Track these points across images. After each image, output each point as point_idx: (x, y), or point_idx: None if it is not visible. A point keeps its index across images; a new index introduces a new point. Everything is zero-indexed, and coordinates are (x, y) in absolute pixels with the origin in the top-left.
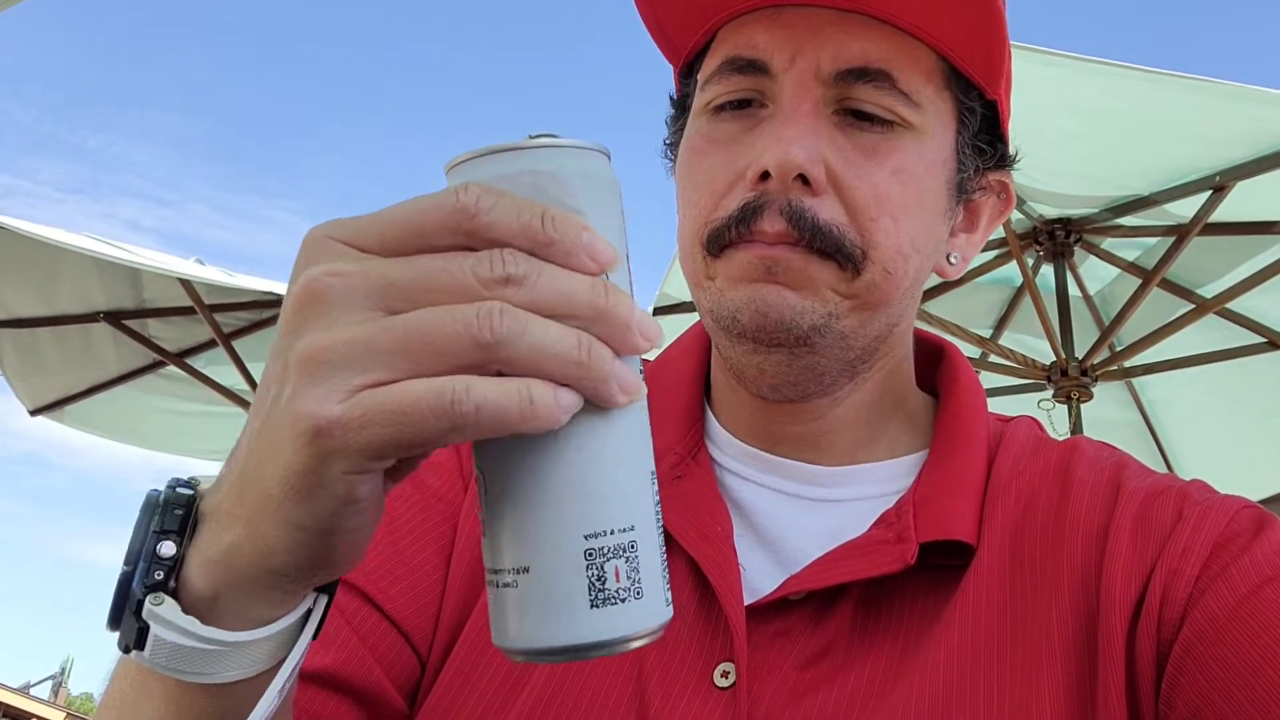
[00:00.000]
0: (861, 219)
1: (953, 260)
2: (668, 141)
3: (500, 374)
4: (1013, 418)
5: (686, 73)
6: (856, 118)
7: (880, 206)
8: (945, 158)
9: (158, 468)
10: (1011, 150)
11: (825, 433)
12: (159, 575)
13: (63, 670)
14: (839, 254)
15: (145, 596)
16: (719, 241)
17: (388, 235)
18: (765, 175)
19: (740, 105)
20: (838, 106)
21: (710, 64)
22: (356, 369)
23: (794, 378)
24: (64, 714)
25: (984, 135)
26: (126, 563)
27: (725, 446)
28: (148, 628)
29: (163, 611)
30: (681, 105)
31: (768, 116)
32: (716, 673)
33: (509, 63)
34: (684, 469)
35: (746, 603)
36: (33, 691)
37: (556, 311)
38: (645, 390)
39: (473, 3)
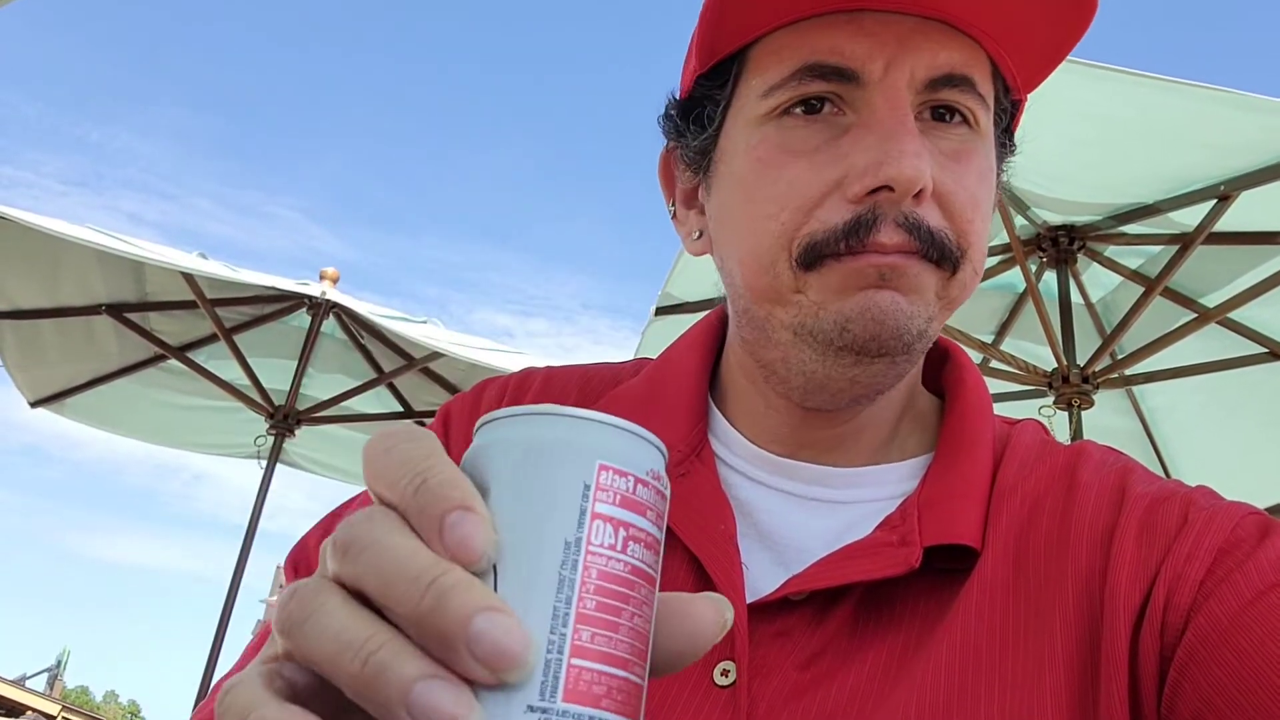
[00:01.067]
0: (959, 222)
1: None
2: (691, 147)
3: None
4: (1018, 421)
5: (710, 74)
6: (934, 119)
7: (975, 210)
8: (994, 158)
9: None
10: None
11: (855, 433)
12: None
13: (59, 663)
14: (944, 258)
15: None
16: (818, 253)
17: None
18: (878, 188)
19: (808, 110)
20: (916, 112)
21: (775, 69)
22: None
23: (883, 384)
24: (59, 706)
25: (1006, 132)
26: None
27: (734, 446)
28: None
29: None
30: (698, 109)
31: (855, 125)
32: (716, 671)
33: (509, 66)
34: (688, 466)
35: (748, 601)
36: (29, 684)
37: (377, 598)
38: None
39: (479, 8)
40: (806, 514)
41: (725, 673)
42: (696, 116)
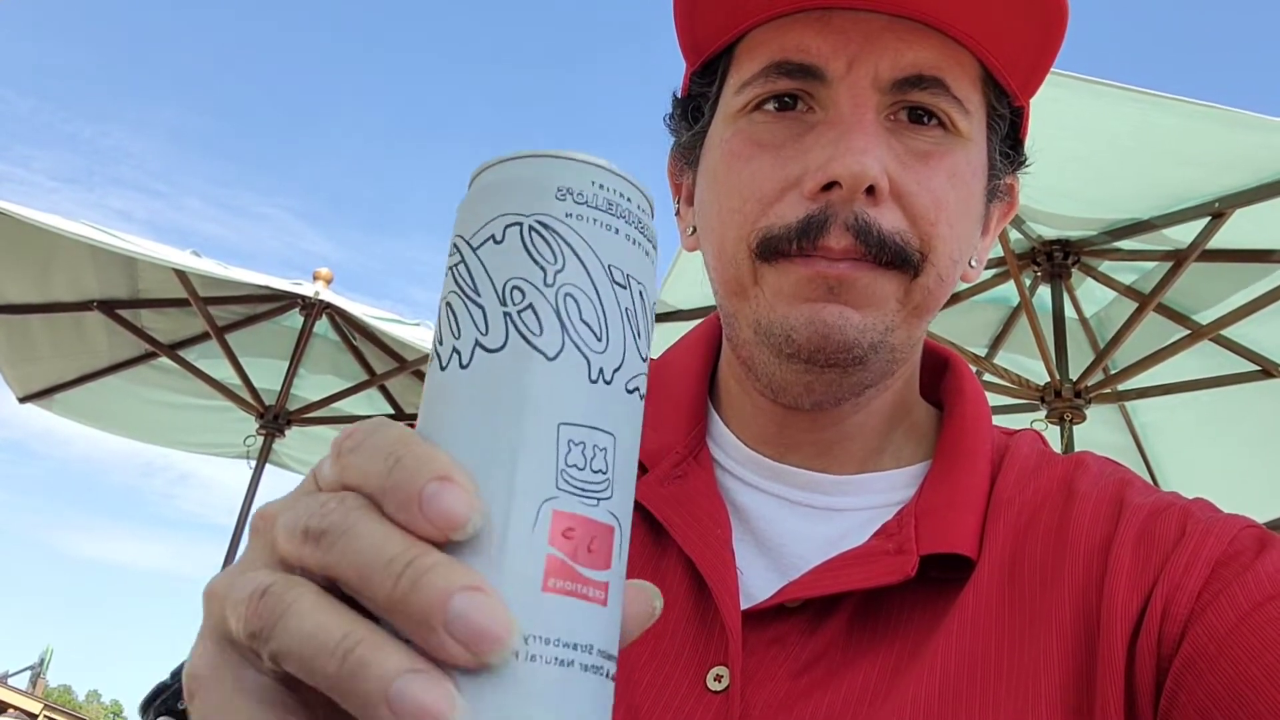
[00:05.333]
0: (922, 224)
1: (973, 264)
2: (682, 144)
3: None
4: (1017, 431)
5: (703, 72)
6: (910, 121)
7: (939, 212)
8: (984, 164)
9: (142, 460)
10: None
11: (840, 440)
12: None
13: (41, 661)
14: (902, 262)
15: None
16: (773, 249)
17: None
18: (829, 185)
19: (780, 106)
20: (889, 112)
21: (749, 66)
22: None
23: (840, 393)
24: (41, 705)
25: (1008, 140)
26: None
27: (730, 450)
28: None
29: None
30: (693, 106)
31: (820, 123)
32: (710, 676)
33: (507, 70)
34: (685, 469)
35: (743, 607)
36: (11, 682)
37: (351, 586)
38: None
39: (475, 11)
40: (801, 520)
41: (719, 678)
42: (690, 114)
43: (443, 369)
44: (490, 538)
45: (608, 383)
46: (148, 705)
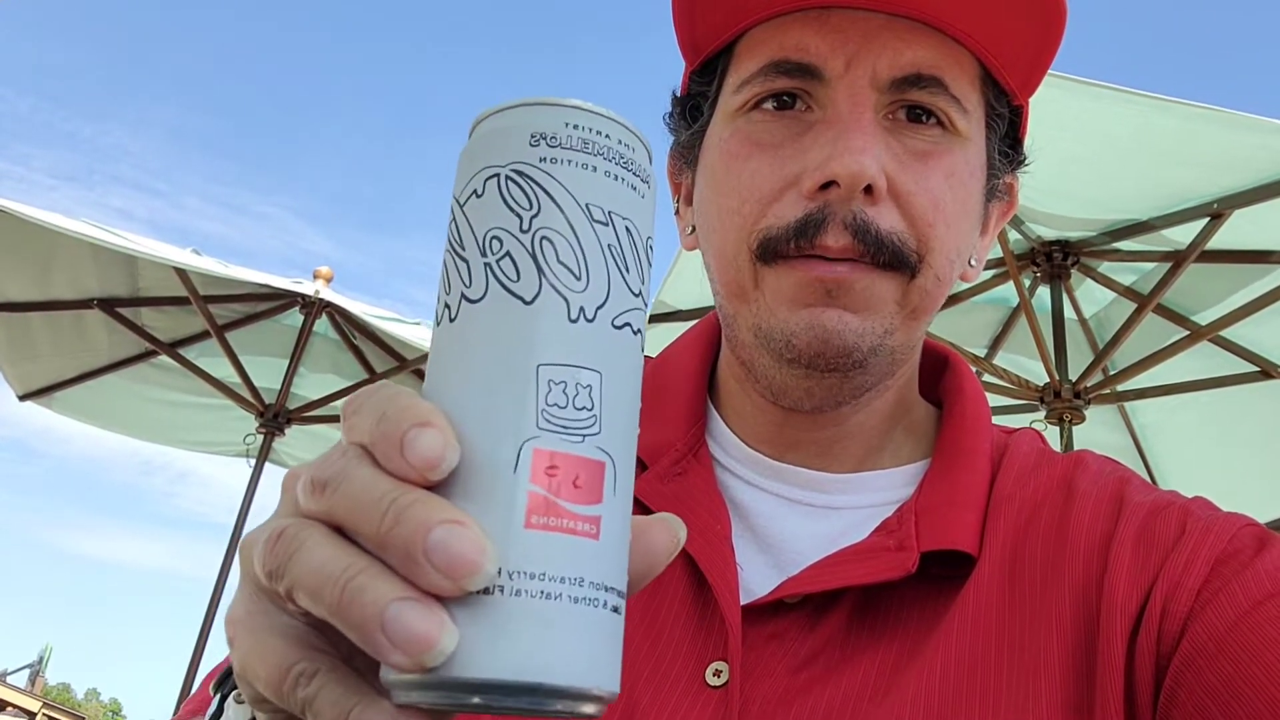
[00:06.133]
0: (919, 225)
1: (972, 263)
2: (681, 143)
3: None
4: (1017, 429)
5: (702, 71)
6: (909, 120)
7: (936, 212)
8: (983, 163)
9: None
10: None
11: (840, 439)
12: None
13: (40, 659)
14: (900, 262)
15: None
16: (773, 250)
17: None
18: (826, 185)
19: (779, 105)
20: (888, 111)
21: (748, 65)
22: None
23: (840, 396)
24: (40, 703)
25: (1007, 139)
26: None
27: (729, 448)
28: None
29: None
30: (693, 105)
31: (819, 122)
32: (709, 671)
33: (510, 68)
34: (684, 466)
35: (742, 603)
36: (9, 680)
37: (349, 526)
38: (443, 650)
39: (477, 9)
40: (800, 518)
41: (718, 673)
42: (689, 113)
43: (438, 325)
44: (474, 478)
45: (590, 320)
46: (219, 686)
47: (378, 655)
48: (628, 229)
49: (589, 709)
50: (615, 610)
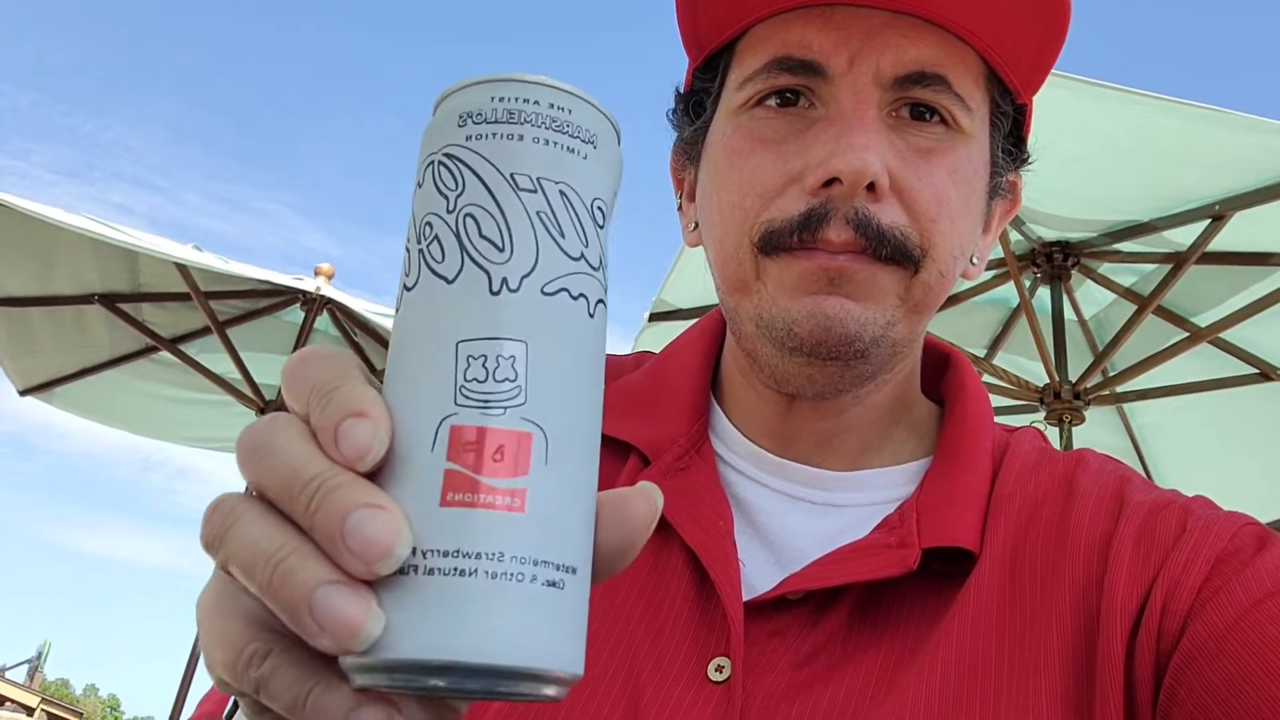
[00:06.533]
0: (922, 221)
1: (974, 261)
2: (684, 139)
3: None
4: (1018, 428)
5: (705, 67)
6: (913, 118)
7: (940, 208)
8: (986, 161)
9: (141, 455)
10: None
11: (840, 432)
12: None
13: (39, 655)
14: (902, 257)
15: None
16: (775, 244)
17: None
18: (829, 181)
19: (782, 102)
20: (891, 109)
21: (751, 61)
22: None
23: (842, 384)
24: (38, 699)
25: (1011, 138)
26: None
27: (732, 444)
28: None
29: None
30: (696, 101)
31: (822, 118)
32: (711, 666)
33: (512, 65)
34: (687, 461)
35: (744, 599)
36: (8, 675)
37: (279, 504)
38: (368, 634)
39: (479, 6)
40: (802, 514)
41: (720, 669)
42: (693, 109)
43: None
44: (399, 460)
45: (513, 290)
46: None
47: (306, 638)
48: (562, 193)
49: (538, 689)
50: (553, 585)
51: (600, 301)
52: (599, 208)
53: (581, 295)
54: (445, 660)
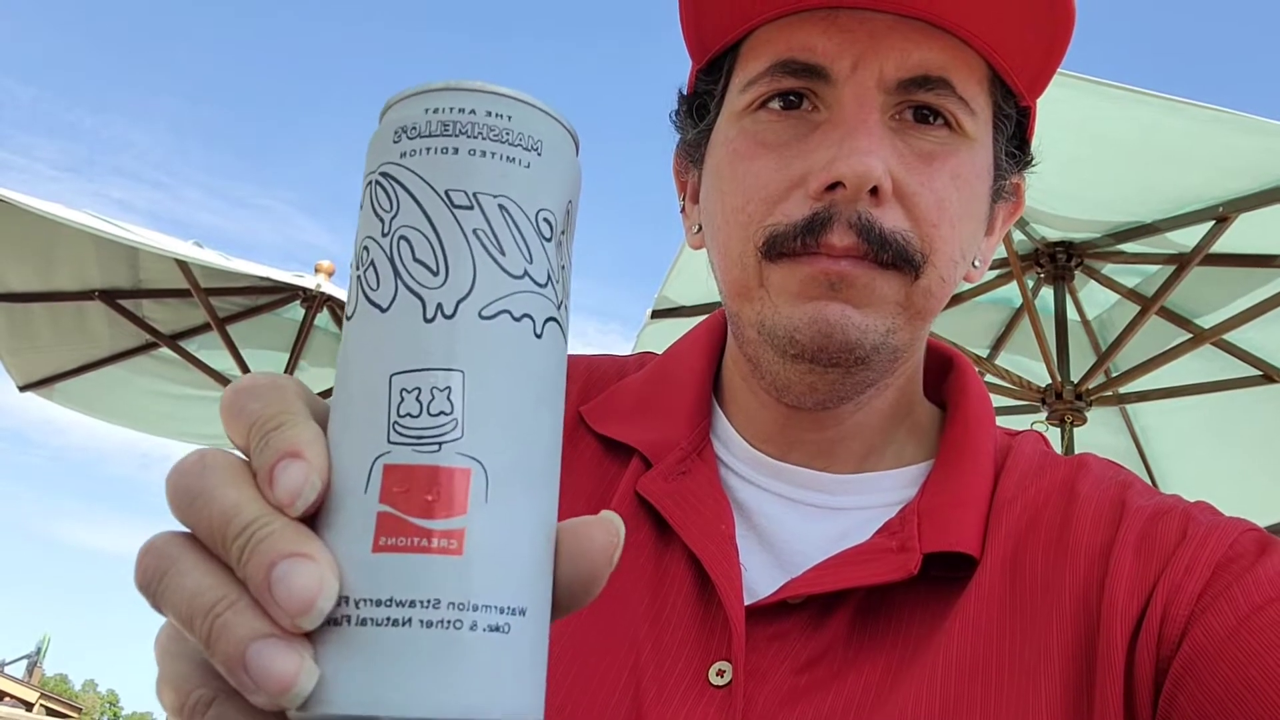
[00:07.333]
0: (924, 225)
1: (976, 264)
2: (687, 141)
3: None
4: (1020, 432)
5: (708, 70)
6: (916, 121)
7: (942, 213)
8: (989, 164)
9: (141, 450)
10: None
11: (842, 439)
12: None
13: (38, 650)
14: (904, 262)
15: None
16: (778, 248)
17: None
18: (833, 186)
19: (786, 105)
20: (894, 112)
21: (754, 65)
22: None
23: (844, 392)
24: (37, 694)
25: (1015, 140)
26: None
27: (733, 447)
28: None
29: None
30: (699, 104)
31: (825, 122)
32: (712, 671)
33: (514, 62)
34: (689, 465)
35: (746, 603)
36: (7, 670)
37: (211, 546)
38: (300, 691)
39: (473, 6)
40: (802, 518)
41: (721, 673)
42: (696, 111)
43: None
44: (333, 504)
45: (448, 316)
46: None
47: (244, 694)
48: (501, 206)
49: None
50: (497, 629)
51: (551, 320)
52: (545, 219)
53: (526, 316)
54: (378, 715)
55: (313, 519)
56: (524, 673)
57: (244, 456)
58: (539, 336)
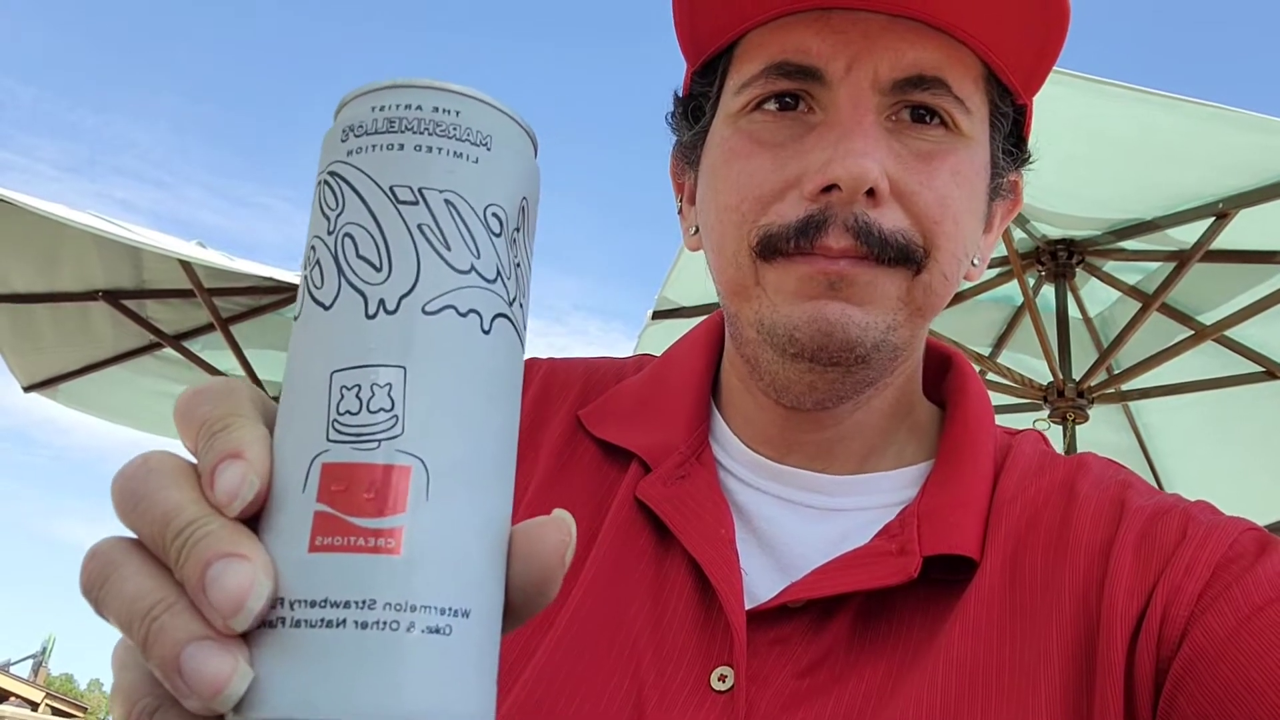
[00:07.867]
0: (925, 223)
1: (976, 263)
2: (683, 143)
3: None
4: (1019, 431)
5: (703, 71)
6: (913, 120)
7: (944, 210)
8: (986, 162)
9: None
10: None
11: (841, 440)
12: None
13: (43, 650)
14: (905, 258)
15: None
16: (772, 249)
17: None
18: (828, 187)
19: (781, 106)
20: (890, 113)
21: (748, 67)
22: None
23: (843, 391)
24: (43, 694)
25: (1011, 138)
26: None
27: (731, 450)
28: None
29: None
30: (694, 105)
31: (820, 124)
32: (714, 675)
33: (516, 60)
34: (687, 469)
35: (746, 608)
36: (13, 670)
37: (153, 549)
38: (232, 694)
39: (474, 5)
40: (802, 520)
41: (723, 678)
42: (691, 113)
43: None
44: (272, 504)
45: (390, 312)
46: None
47: (179, 699)
48: (448, 201)
49: None
50: (436, 631)
51: (500, 316)
52: (495, 215)
53: (472, 311)
54: (311, 719)
55: (255, 520)
56: (468, 676)
57: (194, 460)
58: (486, 332)
